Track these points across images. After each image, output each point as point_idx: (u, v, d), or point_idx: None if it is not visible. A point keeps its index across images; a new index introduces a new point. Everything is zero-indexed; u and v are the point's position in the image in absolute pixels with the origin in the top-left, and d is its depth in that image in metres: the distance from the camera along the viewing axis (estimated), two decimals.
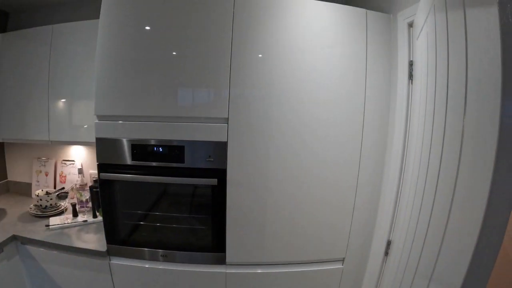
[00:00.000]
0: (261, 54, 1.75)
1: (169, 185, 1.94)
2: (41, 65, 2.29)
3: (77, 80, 2.25)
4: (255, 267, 1.98)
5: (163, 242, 1.99)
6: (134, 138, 1.80)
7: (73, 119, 2.31)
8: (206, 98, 1.76)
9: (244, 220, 1.88)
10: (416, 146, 1.56)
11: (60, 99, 2.30)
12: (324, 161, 1.87)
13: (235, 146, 1.78)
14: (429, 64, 1.35)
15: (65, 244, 2.05)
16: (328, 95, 1.81)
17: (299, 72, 1.78)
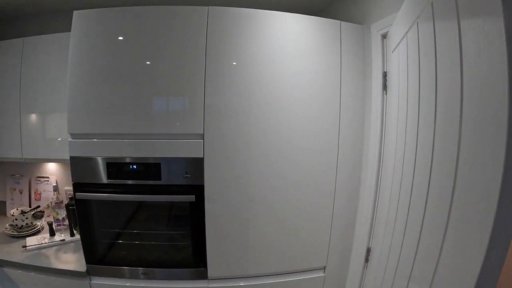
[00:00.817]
0: (235, 62, 1.75)
1: (147, 202, 1.92)
2: (12, 78, 2.23)
3: (50, 93, 2.21)
4: (238, 280, 1.98)
5: (143, 259, 1.97)
6: (109, 156, 1.78)
7: (47, 133, 2.26)
8: (181, 113, 1.75)
9: (224, 234, 1.88)
10: (392, 155, 1.59)
11: (32, 113, 2.24)
12: (301, 170, 1.88)
13: (212, 161, 1.77)
14: (409, 75, 1.37)
15: (43, 266, 2.01)
16: (303, 105, 1.82)
17: (273, 82, 1.79)
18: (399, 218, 1.47)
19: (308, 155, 1.87)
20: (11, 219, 2.37)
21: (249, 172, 1.81)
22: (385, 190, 1.68)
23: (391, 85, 1.66)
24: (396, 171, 1.52)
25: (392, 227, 1.54)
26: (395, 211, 1.52)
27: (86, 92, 1.75)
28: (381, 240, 1.68)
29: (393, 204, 1.54)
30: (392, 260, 1.51)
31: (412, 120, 1.34)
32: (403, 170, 1.43)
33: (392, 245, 1.54)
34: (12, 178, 2.62)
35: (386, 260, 1.58)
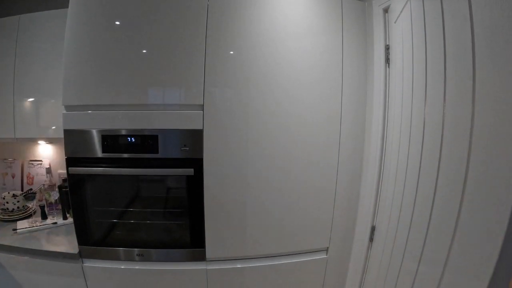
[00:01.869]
0: (237, 31, 1.68)
1: (143, 178, 1.84)
2: (6, 60, 2.15)
3: (44, 77, 2.13)
4: (237, 262, 1.89)
5: (139, 240, 1.88)
6: (105, 128, 1.70)
7: (40, 119, 2.19)
8: (179, 83, 1.67)
9: (223, 212, 1.79)
10: (397, 127, 1.53)
11: (26, 97, 2.17)
12: (304, 145, 1.80)
13: (212, 133, 1.69)
14: (414, 42, 1.33)
15: (34, 248, 1.91)
16: (306, 78, 1.75)
17: (276, 59, 1.72)
18: (407, 193, 1.40)
19: (311, 130, 1.79)
20: (2, 203, 2.27)
21: (249, 146, 1.73)
22: (391, 164, 1.61)
23: (393, 58, 1.61)
24: (402, 143, 1.46)
25: (399, 202, 1.47)
26: (403, 185, 1.44)
27: (82, 62, 1.67)
28: (387, 217, 1.60)
29: (400, 178, 1.47)
30: (399, 240, 1.44)
31: (419, 89, 1.29)
32: (410, 141, 1.38)
33: (399, 222, 1.46)
34: (4, 162, 2.54)
35: (393, 240, 1.50)
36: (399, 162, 1.49)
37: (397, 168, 1.52)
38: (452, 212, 0.98)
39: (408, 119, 1.40)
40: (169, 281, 1.89)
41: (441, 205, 1.08)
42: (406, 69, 1.43)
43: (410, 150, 1.38)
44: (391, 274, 1.50)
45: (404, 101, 1.46)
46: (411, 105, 1.37)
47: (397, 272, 1.43)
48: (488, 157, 0.84)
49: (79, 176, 1.77)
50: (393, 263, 1.49)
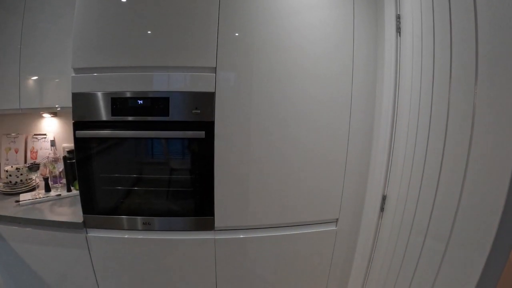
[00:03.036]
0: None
1: (152, 143, 1.77)
2: (13, 37, 2.09)
3: (50, 56, 2.07)
4: (245, 232, 1.83)
5: (145, 208, 1.82)
6: (114, 90, 1.64)
7: (44, 97, 2.13)
8: (192, 45, 1.61)
9: (233, 179, 1.73)
10: (407, 94, 1.54)
11: (31, 75, 2.11)
12: (315, 115, 1.75)
13: (224, 97, 1.64)
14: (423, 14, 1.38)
15: (36, 218, 1.84)
16: (317, 47, 1.70)
17: (289, 33, 1.67)
18: (416, 162, 1.41)
19: (322, 100, 1.74)
20: (5, 176, 2.20)
21: (262, 110, 1.67)
22: (402, 130, 1.58)
23: (404, 27, 1.58)
24: (412, 111, 1.47)
25: (409, 172, 1.47)
26: (412, 152, 1.44)
27: (92, 23, 1.62)
28: (398, 186, 1.56)
29: (410, 145, 1.47)
30: (408, 212, 1.45)
31: (428, 56, 1.32)
32: (419, 109, 1.40)
33: (409, 193, 1.46)
34: (7, 137, 2.47)
35: (402, 211, 1.49)
36: (409, 126, 1.49)
37: (407, 134, 1.50)
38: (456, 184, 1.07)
39: (418, 87, 1.41)
40: (175, 251, 1.83)
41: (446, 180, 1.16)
42: (416, 38, 1.43)
43: (419, 119, 1.39)
44: (400, 246, 1.50)
45: (414, 70, 1.46)
46: (420, 73, 1.38)
47: (405, 243, 1.45)
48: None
49: (86, 140, 1.70)
50: (402, 237, 1.49)
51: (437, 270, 1.18)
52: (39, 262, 1.94)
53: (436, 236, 1.21)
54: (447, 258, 1.14)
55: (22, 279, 1.99)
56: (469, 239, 1.03)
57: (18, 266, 1.95)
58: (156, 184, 1.80)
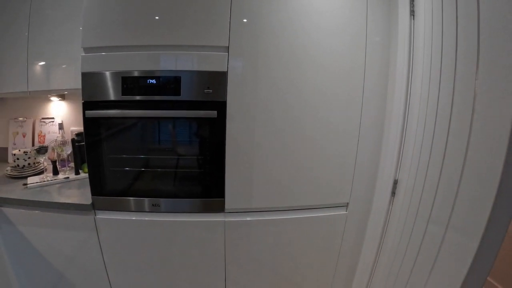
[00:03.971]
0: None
1: (162, 123, 1.72)
2: (20, 23, 2.03)
3: (56, 42, 2.01)
4: (257, 214, 1.78)
5: (155, 190, 1.77)
6: (125, 70, 1.59)
7: (51, 80, 2.07)
8: (204, 24, 1.56)
9: (244, 160, 1.68)
10: (419, 80, 1.51)
11: (39, 60, 2.05)
12: (325, 97, 1.69)
13: (236, 76, 1.59)
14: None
15: (45, 200, 1.79)
16: (330, 23, 1.63)
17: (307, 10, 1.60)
18: (424, 149, 1.41)
19: (334, 77, 1.67)
20: (13, 159, 2.15)
21: (274, 90, 1.62)
22: (413, 114, 1.55)
23: (418, 10, 1.53)
24: (422, 97, 1.44)
25: (417, 157, 1.46)
26: (422, 136, 1.43)
27: (103, 1, 1.57)
28: (408, 171, 1.54)
29: (419, 129, 1.46)
30: (415, 198, 1.44)
31: (437, 39, 1.33)
32: (428, 96, 1.39)
33: (417, 178, 1.46)
34: (15, 122, 2.42)
35: (410, 196, 1.48)
36: (420, 112, 1.47)
37: (418, 120, 1.48)
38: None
39: (428, 72, 1.39)
40: (184, 233, 1.78)
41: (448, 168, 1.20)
42: (428, 20, 1.41)
43: (428, 104, 1.38)
44: (406, 230, 1.50)
45: (426, 53, 1.43)
46: (430, 57, 1.37)
47: (411, 227, 1.46)
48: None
49: (96, 120, 1.65)
50: (408, 223, 1.49)
51: (436, 255, 1.24)
52: (47, 244, 1.90)
53: (436, 221, 1.26)
54: (445, 244, 1.20)
55: (30, 262, 1.96)
56: (465, 226, 1.09)
57: (26, 249, 1.91)
58: (165, 166, 1.76)
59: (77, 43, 1.65)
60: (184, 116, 1.63)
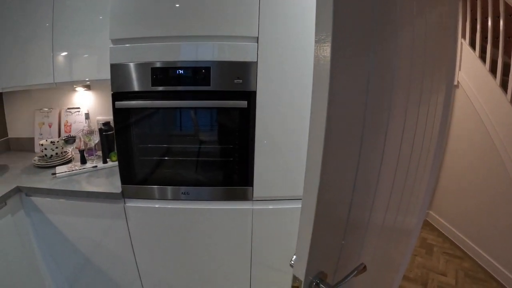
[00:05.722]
0: None
1: (192, 113, 1.67)
2: (45, 13, 1.95)
3: (79, 32, 1.95)
4: (283, 202, 1.73)
5: (184, 178, 1.74)
6: (154, 60, 1.53)
7: (74, 72, 2.02)
8: (234, 14, 1.49)
9: (273, 148, 1.63)
10: None
11: (63, 50, 1.98)
12: None
13: (266, 66, 1.52)
14: None
15: (75, 190, 1.76)
16: None
17: None
18: None
19: None
20: (40, 149, 2.11)
21: (304, 79, 1.55)
22: None
23: None
24: None
25: None
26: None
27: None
28: None
29: None
30: None
31: None
32: None
33: None
34: (40, 112, 2.37)
35: None
36: None
37: None
38: None
39: None
40: (213, 221, 1.75)
41: None
42: None
43: None
44: None
45: None
46: None
47: None
48: None
49: (125, 111, 1.61)
50: None
51: None
52: (75, 231, 1.89)
53: None
54: None
55: (59, 248, 1.96)
56: None
57: (55, 236, 1.90)
58: (194, 155, 1.72)
59: (99, 33, 1.60)
60: (214, 106, 1.57)
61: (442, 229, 3.21)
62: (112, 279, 1.98)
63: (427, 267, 2.71)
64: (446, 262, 2.77)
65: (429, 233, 3.23)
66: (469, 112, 2.78)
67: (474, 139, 2.75)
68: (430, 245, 3.01)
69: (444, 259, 2.81)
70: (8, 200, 1.72)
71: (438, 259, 2.82)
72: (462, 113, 2.86)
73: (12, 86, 2.06)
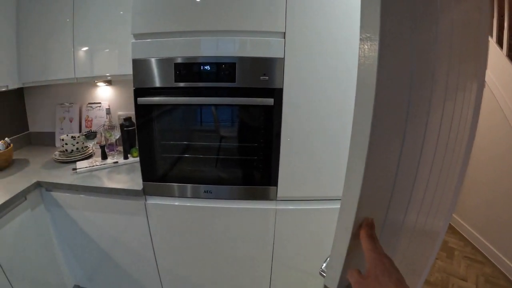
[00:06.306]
0: None
1: (215, 110, 1.61)
2: (65, 9, 1.91)
3: (100, 26, 1.90)
4: (308, 203, 1.66)
5: (205, 176, 1.68)
6: (177, 56, 1.46)
7: (95, 66, 1.98)
8: (260, 9, 1.42)
9: (300, 147, 1.55)
10: None
11: (83, 45, 1.94)
12: None
13: (293, 63, 1.45)
14: None
15: (95, 186, 1.72)
16: None
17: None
18: None
19: None
20: (61, 144, 2.08)
21: (335, 76, 1.47)
22: None
23: None
24: None
25: None
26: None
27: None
28: None
29: None
30: None
31: None
32: None
33: None
34: (61, 107, 2.34)
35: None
36: None
37: None
38: None
39: None
40: (235, 220, 1.70)
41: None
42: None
43: None
44: None
45: None
46: None
47: None
48: None
49: (148, 107, 1.55)
50: None
51: None
52: (95, 228, 1.86)
53: None
54: None
55: (78, 243, 1.94)
56: None
57: (74, 233, 1.88)
58: (217, 152, 1.66)
59: (120, 28, 1.56)
60: (239, 104, 1.51)
61: (464, 232, 3.09)
62: (131, 275, 1.95)
63: (447, 271, 2.61)
64: (467, 266, 2.66)
65: (451, 236, 3.12)
66: (493, 110, 2.67)
67: (497, 137, 2.63)
68: (451, 249, 2.90)
69: (465, 264, 2.70)
70: (28, 195, 1.70)
71: (459, 263, 2.71)
72: (487, 111, 2.74)
73: (33, 81, 2.03)
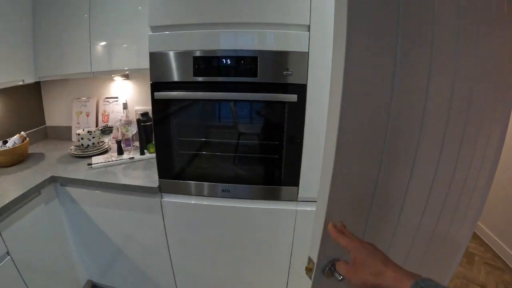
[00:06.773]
0: None
1: (235, 106, 1.54)
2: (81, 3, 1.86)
3: (117, 19, 1.85)
4: None
5: (223, 174, 1.61)
6: (196, 49, 1.39)
7: (113, 60, 1.93)
8: (283, 0, 1.33)
9: (322, 147, 1.46)
10: None
11: (100, 40, 1.90)
12: None
13: (318, 57, 1.36)
14: None
15: (110, 182, 1.66)
16: None
17: None
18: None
19: None
20: (77, 139, 2.04)
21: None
22: None
23: None
24: None
25: None
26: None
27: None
28: None
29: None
30: None
31: None
32: None
33: None
34: (78, 101, 2.30)
35: None
36: None
37: None
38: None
39: None
40: (253, 220, 1.63)
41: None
42: None
43: None
44: None
45: None
46: None
47: None
48: None
49: (165, 102, 1.49)
50: None
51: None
52: (109, 224, 1.82)
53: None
54: None
55: (92, 239, 1.90)
56: None
57: (88, 228, 1.84)
58: (236, 150, 1.60)
59: (138, 22, 1.57)
60: (261, 100, 1.43)
61: (484, 237, 2.96)
62: (144, 272, 1.91)
63: (467, 277, 2.50)
64: (487, 273, 2.55)
65: (471, 241, 2.99)
66: None
67: None
68: (472, 254, 2.78)
69: (485, 270, 2.58)
70: (43, 190, 1.66)
71: (479, 269, 2.60)
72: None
73: (50, 75, 2.00)
